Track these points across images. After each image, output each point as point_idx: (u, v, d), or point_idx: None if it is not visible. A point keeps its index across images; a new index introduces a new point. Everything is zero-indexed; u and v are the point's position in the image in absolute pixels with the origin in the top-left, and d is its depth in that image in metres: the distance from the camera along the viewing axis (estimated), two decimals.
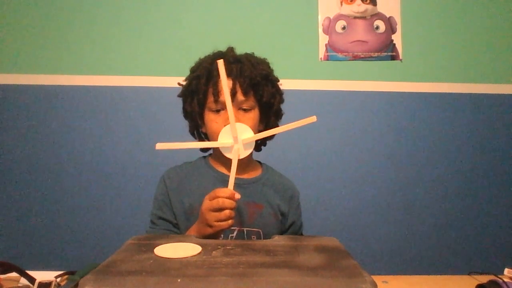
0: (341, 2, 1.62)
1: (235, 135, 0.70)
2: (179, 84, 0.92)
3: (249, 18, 1.60)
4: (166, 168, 0.94)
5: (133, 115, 1.54)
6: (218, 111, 0.83)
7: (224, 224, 0.70)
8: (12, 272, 0.85)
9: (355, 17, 1.62)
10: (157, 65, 1.56)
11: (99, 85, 1.54)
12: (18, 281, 0.86)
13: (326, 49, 1.61)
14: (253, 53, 0.91)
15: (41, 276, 0.83)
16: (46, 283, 0.79)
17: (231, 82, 0.82)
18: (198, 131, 0.93)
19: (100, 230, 1.50)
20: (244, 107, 0.84)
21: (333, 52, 1.61)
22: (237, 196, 0.71)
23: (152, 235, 0.81)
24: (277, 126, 0.92)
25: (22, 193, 1.50)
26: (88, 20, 1.57)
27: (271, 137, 0.95)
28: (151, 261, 0.50)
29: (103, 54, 1.56)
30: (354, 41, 1.61)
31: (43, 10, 1.56)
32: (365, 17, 1.62)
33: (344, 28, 1.61)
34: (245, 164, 0.90)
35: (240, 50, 0.91)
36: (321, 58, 1.61)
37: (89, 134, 1.53)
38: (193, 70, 0.89)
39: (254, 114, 0.86)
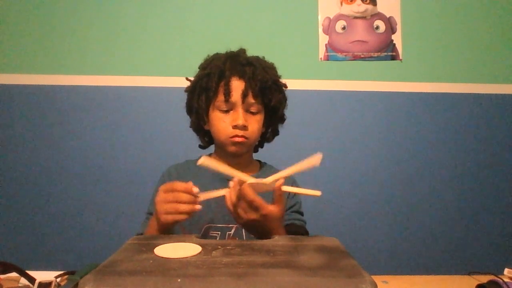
0: (341, 2, 1.62)
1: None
2: (187, 79, 0.93)
3: (249, 18, 1.60)
4: (167, 167, 0.95)
5: (133, 115, 1.54)
6: (227, 111, 0.84)
7: (170, 217, 0.67)
8: (12, 272, 0.84)
9: (355, 17, 1.62)
10: (157, 65, 1.56)
11: (99, 85, 1.54)
12: (18, 281, 0.86)
13: (326, 49, 1.61)
14: (263, 57, 0.92)
15: (41, 276, 0.83)
16: (46, 283, 0.79)
17: (243, 83, 0.83)
18: (200, 127, 0.93)
19: (100, 230, 1.50)
20: (252, 110, 0.85)
21: (333, 52, 1.61)
22: (195, 189, 0.67)
23: (152, 235, 0.81)
24: (277, 130, 0.96)
25: (22, 193, 1.50)
26: (88, 20, 1.57)
27: (268, 139, 0.95)
28: (151, 261, 0.50)
29: (103, 54, 1.56)
30: (354, 41, 1.61)
31: (43, 10, 1.56)
32: (365, 17, 1.62)
33: (344, 28, 1.61)
34: (245, 163, 0.92)
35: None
36: (321, 58, 1.61)
37: (89, 134, 1.53)
38: (203, 67, 0.89)
39: (260, 117, 0.87)
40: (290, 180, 0.95)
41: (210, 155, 0.96)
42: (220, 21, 1.59)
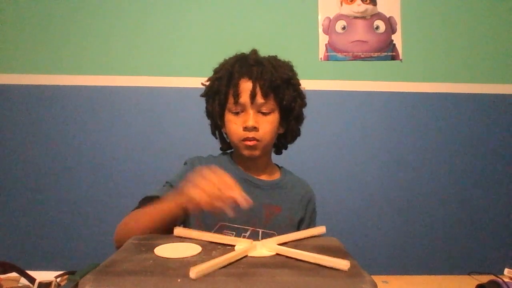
0: (341, 2, 1.62)
1: None
2: (202, 84, 0.92)
3: (249, 18, 1.60)
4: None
5: (133, 115, 1.54)
6: (237, 113, 0.84)
7: (209, 201, 0.63)
8: (12, 272, 0.84)
9: (355, 17, 1.62)
10: (157, 65, 1.56)
11: (99, 85, 1.54)
12: (18, 281, 0.86)
13: (326, 49, 1.61)
14: (276, 56, 0.90)
15: (41, 276, 0.83)
16: (46, 283, 0.79)
17: (250, 84, 0.82)
18: (220, 131, 0.93)
19: (100, 230, 1.50)
20: (263, 110, 0.83)
21: (333, 52, 1.61)
22: (249, 202, 0.63)
23: (152, 235, 0.81)
24: (299, 130, 0.94)
25: (22, 193, 1.50)
26: (88, 20, 1.57)
27: (288, 140, 0.94)
28: (151, 261, 0.50)
29: (103, 54, 1.56)
30: (354, 41, 1.61)
31: (43, 10, 1.56)
32: (365, 17, 1.62)
33: (344, 28, 1.61)
34: (264, 166, 0.91)
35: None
36: (321, 58, 1.61)
37: (88, 134, 1.53)
38: (216, 71, 0.89)
39: (274, 118, 0.85)
40: (308, 199, 0.94)
41: (230, 153, 0.95)
42: (220, 21, 1.59)
